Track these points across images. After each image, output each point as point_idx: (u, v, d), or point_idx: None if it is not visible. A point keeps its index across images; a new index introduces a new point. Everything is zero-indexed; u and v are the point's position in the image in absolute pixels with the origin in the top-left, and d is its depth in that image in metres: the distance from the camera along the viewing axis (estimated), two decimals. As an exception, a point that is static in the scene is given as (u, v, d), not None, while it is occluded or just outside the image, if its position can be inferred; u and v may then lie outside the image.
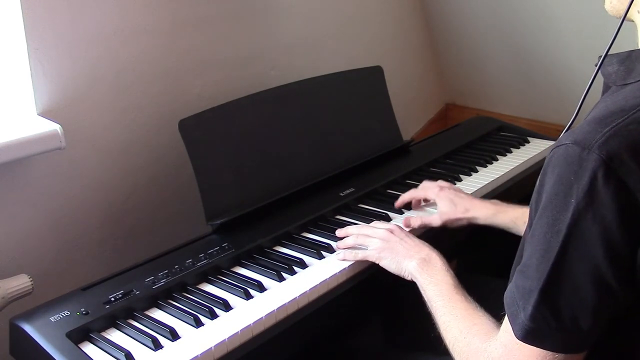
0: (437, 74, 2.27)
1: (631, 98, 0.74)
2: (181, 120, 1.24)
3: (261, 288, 1.06)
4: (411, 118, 2.15)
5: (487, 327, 0.83)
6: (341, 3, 1.83)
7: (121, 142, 1.38)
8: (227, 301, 1.02)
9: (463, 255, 1.54)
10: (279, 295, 1.04)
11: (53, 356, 0.90)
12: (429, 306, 0.94)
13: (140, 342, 0.94)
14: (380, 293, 1.19)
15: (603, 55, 0.80)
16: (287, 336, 1.00)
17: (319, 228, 1.26)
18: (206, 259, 1.13)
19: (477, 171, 1.51)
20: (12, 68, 1.23)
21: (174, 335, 0.94)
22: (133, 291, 1.04)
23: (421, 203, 1.33)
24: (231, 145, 1.30)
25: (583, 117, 0.81)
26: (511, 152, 1.63)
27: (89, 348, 0.94)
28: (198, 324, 0.97)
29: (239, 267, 1.15)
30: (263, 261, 1.15)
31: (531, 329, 0.72)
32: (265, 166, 1.34)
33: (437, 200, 1.24)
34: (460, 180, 1.46)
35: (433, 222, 1.22)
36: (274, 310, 1.00)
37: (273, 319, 1.00)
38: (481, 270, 1.47)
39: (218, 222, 1.22)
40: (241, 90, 1.40)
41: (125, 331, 0.97)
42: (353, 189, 1.39)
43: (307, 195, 1.35)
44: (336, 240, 1.19)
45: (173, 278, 1.07)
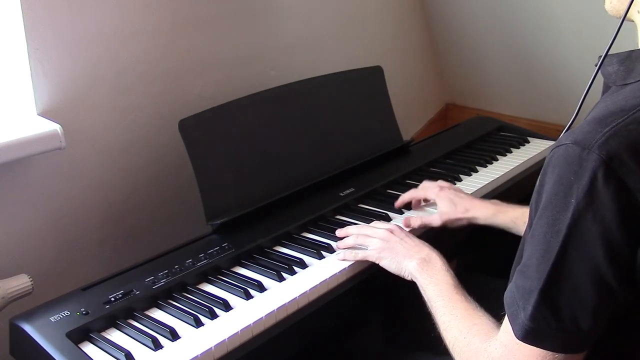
0: (437, 74, 2.27)
1: (631, 98, 0.74)
2: (181, 120, 1.24)
3: (261, 288, 1.06)
4: (411, 118, 2.15)
5: (487, 327, 0.83)
6: (341, 3, 1.83)
7: (121, 142, 1.38)
8: (227, 301, 1.02)
9: (463, 255, 1.54)
10: (279, 295, 1.04)
11: (53, 356, 0.90)
12: (429, 306, 0.94)
13: (140, 342, 0.94)
14: (380, 293, 1.19)
15: (603, 55, 0.80)
16: (287, 336, 1.00)
17: (319, 228, 1.26)
18: (206, 259, 1.13)
19: (477, 171, 1.51)
20: (12, 68, 1.23)
21: (174, 335, 0.94)
22: (133, 291, 1.04)
23: (421, 203, 1.33)
24: (231, 145, 1.30)
25: (583, 117, 0.81)
26: (511, 152, 1.63)
27: (89, 348, 0.94)
28: (198, 324, 0.97)
29: (239, 267, 1.15)
30: (263, 261, 1.15)
31: (531, 329, 0.72)
32: (265, 166, 1.34)
33: (437, 200, 1.24)
34: (460, 180, 1.46)
35: (433, 222, 1.22)
36: (274, 310, 1.00)
37: (273, 319, 1.00)
38: (481, 270, 1.47)
39: (218, 222, 1.22)
40: (241, 90, 1.40)
41: (125, 331, 0.97)
42: (353, 189, 1.39)
43: (307, 195, 1.35)
44: (336, 240, 1.19)
45: (173, 278, 1.07)
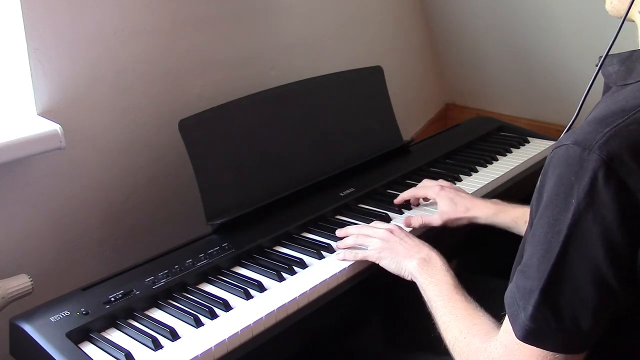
0: (437, 74, 2.27)
1: (632, 98, 0.74)
2: (181, 120, 1.24)
3: (261, 288, 1.06)
4: (411, 118, 2.15)
5: (487, 327, 0.83)
6: (341, 3, 1.83)
7: (121, 142, 1.38)
8: (227, 301, 1.02)
9: (463, 255, 1.54)
10: (279, 295, 1.04)
11: (53, 356, 0.90)
12: (429, 306, 0.94)
13: (140, 342, 0.94)
14: (380, 293, 1.19)
15: (604, 55, 0.80)
16: (287, 336, 1.00)
17: (319, 228, 1.26)
18: (206, 259, 1.13)
19: (477, 171, 1.51)
20: (12, 68, 1.23)
21: (174, 335, 0.94)
22: (133, 291, 1.04)
23: (420, 202, 1.33)
24: (231, 145, 1.30)
25: (583, 118, 0.81)
26: (511, 152, 1.63)
27: (89, 348, 0.94)
28: (198, 324, 0.97)
29: (239, 267, 1.15)
30: (263, 261, 1.15)
31: (532, 329, 0.72)
32: (265, 166, 1.34)
33: (438, 199, 1.24)
34: (460, 180, 1.46)
35: (433, 222, 1.21)
36: (274, 310, 1.00)
37: (273, 319, 1.00)
38: (481, 270, 1.47)
39: (218, 222, 1.22)
40: (241, 90, 1.40)
41: (125, 331, 0.97)
42: (353, 189, 1.39)
43: (307, 195, 1.35)
44: (336, 240, 1.19)
45: (173, 278, 1.07)
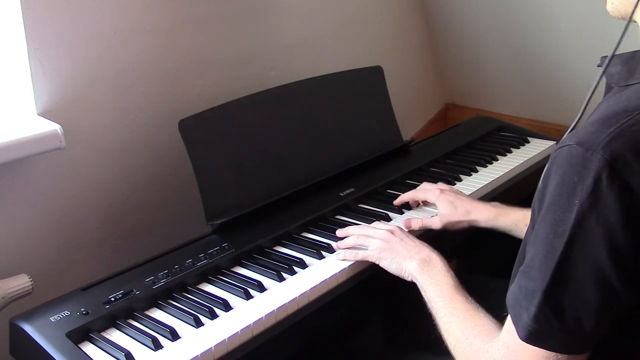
0: (437, 74, 2.27)
1: (634, 99, 0.74)
2: (181, 120, 1.24)
3: (261, 288, 1.06)
4: (411, 118, 2.14)
5: (489, 328, 0.83)
6: (341, 3, 1.83)
7: (121, 142, 1.38)
8: (227, 301, 1.02)
9: (463, 255, 1.54)
10: (279, 295, 1.04)
11: (53, 356, 0.90)
12: (430, 307, 0.94)
13: (140, 342, 0.94)
14: (380, 293, 1.19)
15: (609, 56, 0.79)
16: (287, 336, 1.00)
17: (319, 228, 1.26)
18: (206, 259, 1.13)
19: (477, 171, 1.51)
20: (12, 68, 1.23)
21: (174, 335, 0.94)
22: (133, 291, 1.03)
23: (419, 204, 1.33)
24: (231, 145, 1.30)
25: (584, 118, 0.81)
26: (511, 152, 1.63)
27: (89, 348, 0.94)
28: (198, 324, 0.97)
29: (239, 267, 1.15)
30: (263, 261, 1.15)
31: (534, 330, 0.72)
32: (265, 166, 1.34)
33: (438, 203, 1.24)
34: (460, 180, 1.46)
35: (434, 225, 1.21)
36: (274, 310, 1.00)
37: (273, 319, 1.00)
38: (481, 270, 1.47)
39: (218, 222, 1.22)
40: (241, 90, 1.40)
41: (125, 331, 0.97)
42: (353, 189, 1.39)
43: (307, 195, 1.35)
44: (336, 240, 1.19)
45: (173, 278, 1.07)
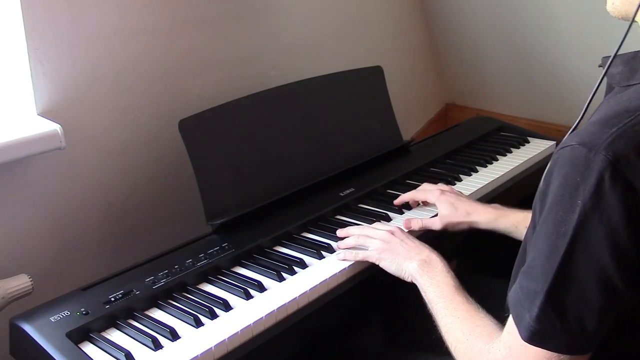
0: (437, 74, 2.27)
1: (635, 99, 0.74)
2: (181, 120, 1.24)
3: (261, 288, 1.06)
4: (411, 118, 2.14)
5: (490, 329, 0.83)
6: (341, 3, 1.83)
7: (121, 142, 1.38)
8: (227, 301, 1.02)
9: (463, 255, 1.54)
10: (279, 295, 1.04)
11: (53, 356, 0.90)
12: (430, 308, 0.94)
13: (140, 342, 0.94)
14: (380, 293, 1.19)
15: (612, 56, 0.79)
16: (287, 336, 1.00)
17: (319, 228, 1.26)
18: (206, 259, 1.13)
19: (477, 171, 1.51)
20: (12, 68, 1.23)
21: (174, 335, 0.94)
22: (133, 291, 1.04)
23: (419, 204, 1.33)
24: (231, 145, 1.30)
25: (585, 119, 0.81)
26: (511, 152, 1.63)
27: (89, 348, 0.94)
28: (198, 324, 0.97)
29: (239, 267, 1.15)
30: (263, 261, 1.15)
31: (537, 331, 0.72)
32: (265, 166, 1.34)
33: (438, 203, 1.24)
34: (460, 180, 1.46)
35: (434, 225, 1.21)
36: (274, 310, 1.00)
37: (273, 319, 1.00)
38: (481, 270, 1.47)
39: (218, 222, 1.22)
40: (241, 90, 1.40)
41: (125, 331, 0.97)
42: (353, 189, 1.39)
43: (307, 195, 1.35)
44: (336, 240, 1.19)
45: (173, 278, 1.07)
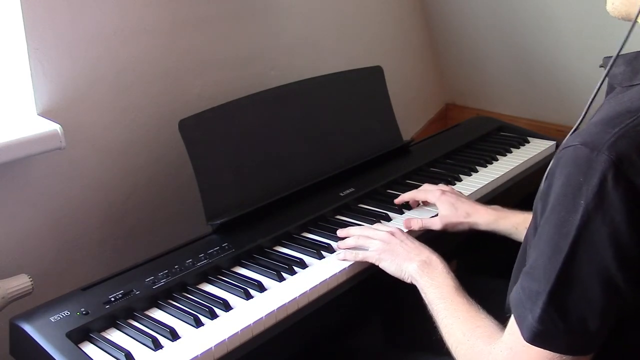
0: (437, 74, 2.27)
1: (637, 99, 0.74)
2: (181, 120, 1.24)
3: (261, 288, 1.06)
4: (411, 118, 2.14)
5: (491, 330, 0.83)
6: (341, 3, 1.83)
7: (121, 142, 1.38)
8: (227, 301, 1.02)
9: (463, 255, 1.54)
10: (279, 295, 1.04)
11: (53, 356, 0.90)
12: (430, 309, 0.94)
13: (140, 342, 0.94)
14: (380, 293, 1.19)
15: (614, 57, 0.79)
16: (287, 336, 1.00)
17: (319, 228, 1.26)
18: (206, 259, 1.13)
19: (477, 171, 1.51)
20: (12, 68, 1.23)
21: (174, 335, 0.94)
22: (133, 291, 1.04)
23: (419, 204, 1.33)
24: (231, 145, 1.30)
25: (586, 119, 0.81)
26: (511, 152, 1.63)
27: (89, 348, 0.94)
28: (198, 324, 0.97)
29: (239, 267, 1.15)
30: (263, 261, 1.15)
31: (539, 331, 0.72)
32: (265, 166, 1.34)
33: (438, 204, 1.24)
34: (460, 180, 1.46)
35: (434, 225, 1.21)
36: (274, 310, 1.00)
37: (273, 319, 1.00)
38: (481, 270, 1.47)
39: (218, 222, 1.22)
40: (241, 90, 1.40)
41: (125, 331, 0.97)
42: (353, 189, 1.39)
43: (307, 195, 1.35)
44: (336, 240, 1.19)
45: (173, 278, 1.07)
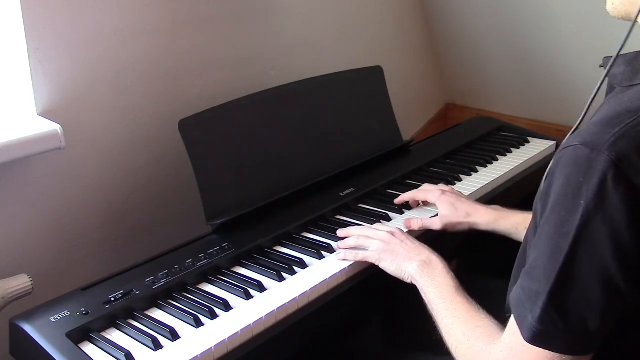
0: (437, 74, 2.27)
1: (637, 99, 0.74)
2: (181, 120, 1.24)
3: (261, 288, 1.06)
4: (411, 118, 2.15)
5: (491, 330, 0.83)
6: (341, 3, 1.83)
7: (121, 142, 1.38)
8: (227, 301, 1.02)
9: (463, 255, 1.54)
10: (279, 295, 1.04)
11: (53, 356, 0.90)
12: (430, 309, 0.94)
13: (140, 342, 0.94)
14: (380, 293, 1.19)
15: (614, 57, 0.79)
16: (287, 336, 1.00)
17: (319, 228, 1.26)
18: (206, 259, 1.13)
19: (477, 171, 1.51)
20: (12, 68, 1.23)
21: (174, 335, 0.94)
22: (133, 291, 1.04)
23: (419, 204, 1.33)
24: (231, 145, 1.30)
25: (586, 119, 0.81)
26: (511, 152, 1.63)
27: (89, 348, 0.94)
28: (198, 324, 0.97)
29: (239, 267, 1.15)
30: (263, 261, 1.15)
31: (539, 331, 0.72)
32: (265, 166, 1.34)
33: (438, 204, 1.24)
34: (460, 180, 1.46)
35: (434, 225, 1.21)
36: (274, 310, 1.00)
37: (273, 319, 1.00)
38: (481, 270, 1.47)
39: (218, 222, 1.22)
40: (241, 90, 1.40)
41: (125, 331, 0.97)
42: (353, 189, 1.39)
43: (307, 195, 1.35)
44: (336, 240, 1.19)
45: (173, 278, 1.07)
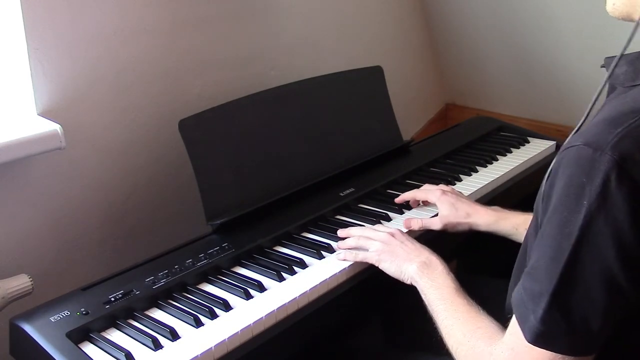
0: (437, 74, 2.27)
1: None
2: (181, 120, 1.24)
3: (261, 288, 1.06)
4: (411, 118, 2.15)
5: (492, 330, 0.82)
6: (341, 3, 1.83)
7: (121, 142, 1.38)
8: (227, 301, 1.02)
9: (463, 256, 1.54)
10: (279, 295, 1.04)
11: (53, 356, 0.90)
12: (430, 310, 0.94)
13: (140, 342, 0.94)
14: (380, 293, 1.19)
15: (617, 57, 0.79)
16: (287, 336, 1.00)
17: (319, 228, 1.26)
18: (206, 259, 1.13)
19: (477, 171, 1.51)
20: (12, 68, 1.23)
21: (174, 335, 0.95)
22: (133, 291, 1.04)
23: (419, 204, 1.33)
24: (231, 145, 1.30)
25: (589, 120, 0.80)
26: (511, 152, 1.63)
27: (89, 348, 0.94)
28: (198, 324, 0.97)
29: (239, 267, 1.15)
30: (263, 261, 1.15)
31: (541, 332, 0.72)
32: (265, 166, 1.34)
33: (438, 203, 1.24)
34: (460, 180, 1.46)
35: (434, 225, 1.21)
36: (274, 310, 1.00)
37: (273, 319, 1.00)
38: (481, 271, 1.47)
39: (218, 222, 1.22)
40: (241, 90, 1.40)
41: (125, 331, 0.97)
42: (353, 189, 1.39)
43: (307, 195, 1.35)
44: (336, 240, 1.19)
45: (173, 278, 1.07)
